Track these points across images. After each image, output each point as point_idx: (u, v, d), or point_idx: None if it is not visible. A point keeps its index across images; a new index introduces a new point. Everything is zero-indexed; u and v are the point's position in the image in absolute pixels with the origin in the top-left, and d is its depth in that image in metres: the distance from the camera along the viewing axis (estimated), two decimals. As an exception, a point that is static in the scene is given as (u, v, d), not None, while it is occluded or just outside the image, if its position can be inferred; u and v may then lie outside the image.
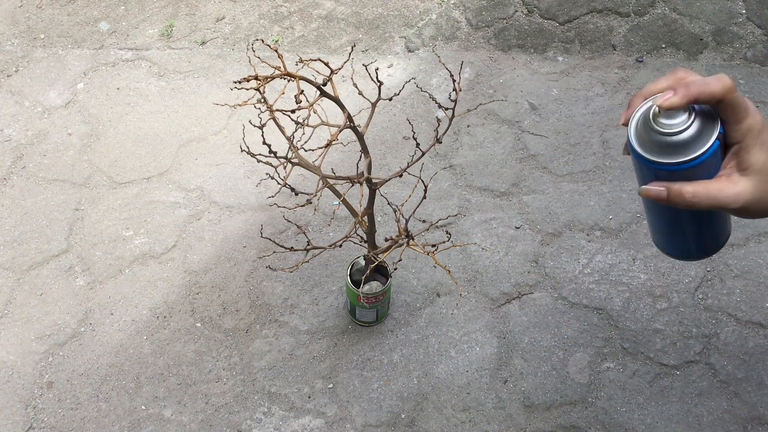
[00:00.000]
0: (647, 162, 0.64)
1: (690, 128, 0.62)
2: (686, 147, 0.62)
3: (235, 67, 1.51)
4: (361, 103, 1.33)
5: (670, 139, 0.62)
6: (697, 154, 0.61)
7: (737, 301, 1.18)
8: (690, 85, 0.60)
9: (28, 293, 1.20)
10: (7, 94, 1.47)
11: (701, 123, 0.62)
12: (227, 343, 1.15)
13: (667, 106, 0.60)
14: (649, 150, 0.64)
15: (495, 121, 1.42)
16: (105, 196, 1.31)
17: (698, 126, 0.62)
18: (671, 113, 0.61)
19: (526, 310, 1.18)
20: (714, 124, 0.62)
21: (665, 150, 0.63)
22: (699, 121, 0.62)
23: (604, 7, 1.59)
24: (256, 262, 1.23)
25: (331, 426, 1.07)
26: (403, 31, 1.58)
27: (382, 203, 1.25)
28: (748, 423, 1.07)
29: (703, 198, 0.62)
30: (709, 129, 0.62)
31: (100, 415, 1.08)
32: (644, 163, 0.64)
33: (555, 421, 1.08)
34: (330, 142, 0.83)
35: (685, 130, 0.62)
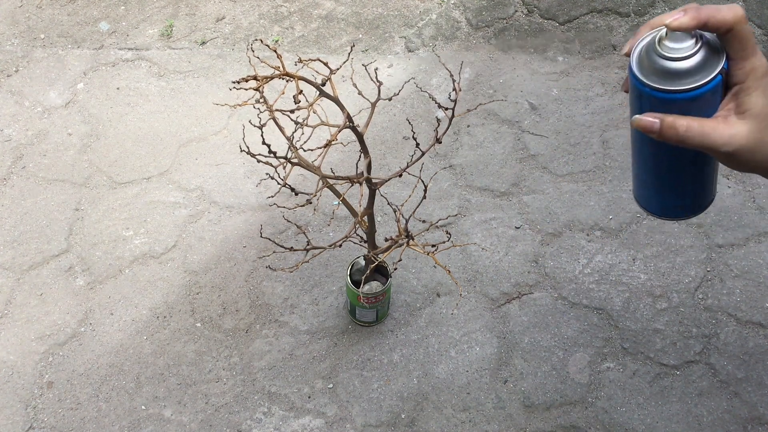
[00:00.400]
0: (645, 88, 0.62)
1: (694, 56, 0.59)
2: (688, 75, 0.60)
3: (235, 67, 1.51)
4: (361, 103, 1.33)
5: (673, 64, 0.60)
6: (697, 84, 0.59)
7: (737, 301, 1.18)
8: (701, 8, 0.58)
9: (28, 293, 1.20)
10: (7, 94, 1.47)
11: (706, 53, 0.59)
12: (227, 343, 1.15)
13: (675, 26, 0.58)
14: (649, 75, 0.61)
15: (495, 121, 1.42)
16: (105, 196, 1.31)
17: (703, 55, 0.59)
18: (678, 36, 0.59)
19: (526, 310, 1.18)
20: (719, 57, 0.60)
21: (666, 76, 0.60)
22: (705, 50, 0.59)
23: (604, 7, 1.59)
24: (256, 262, 1.23)
25: (331, 426, 1.07)
26: (403, 31, 1.58)
27: (382, 203, 1.25)
28: (748, 423, 1.07)
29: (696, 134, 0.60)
30: (713, 61, 0.60)
31: (100, 415, 1.08)
32: (642, 89, 0.62)
33: (555, 421, 1.08)
34: (330, 142, 0.83)
35: (689, 58, 0.59)
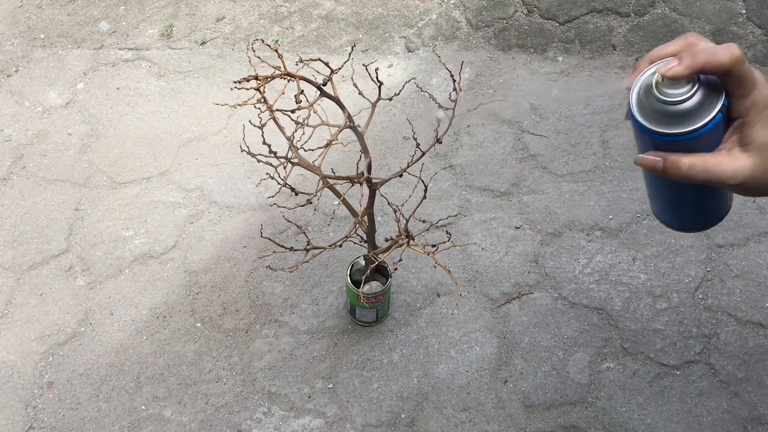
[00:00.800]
0: (646, 130, 0.62)
1: (692, 98, 0.59)
2: (687, 118, 0.60)
3: (235, 67, 1.51)
4: (361, 103, 1.33)
5: (671, 108, 0.60)
6: (696, 126, 0.59)
7: (737, 301, 1.18)
8: (697, 53, 0.57)
9: (28, 293, 1.20)
10: (7, 94, 1.47)
11: (705, 94, 0.59)
12: (227, 343, 1.15)
13: (670, 76, 0.58)
14: (649, 118, 0.61)
15: (495, 121, 1.42)
16: (105, 196, 1.31)
17: (701, 96, 0.59)
18: (674, 82, 0.59)
19: (526, 310, 1.18)
20: (718, 96, 0.59)
21: (665, 119, 0.60)
22: (703, 91, 0.59)
23: (604, 7, 1.59)
24: (256, 262, 1.23)
25: (331, 426, 1.07)
26: (403, 31, 1.58)
27: (382, 203, 1.25)
28: (748, 423, 1.07)
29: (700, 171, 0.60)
30: (712, 100, 0.59)
31: (100, 415, 1.08)
32: (643, 131, 0.62)
33: (555, 421, 1.08)
34: (330, 142, 0.83)
35: (687, 100, 0.59)
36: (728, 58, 0.57)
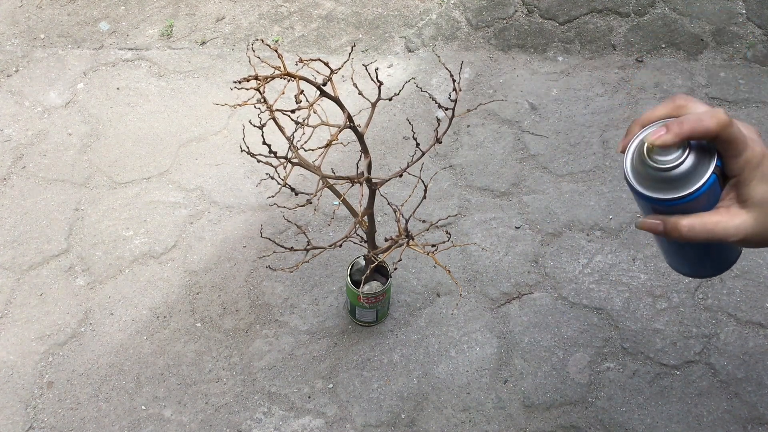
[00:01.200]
0: (642, 196, 0.63)
1: (684, 163, 0.60)
2: (681, 182, 0.61)
3: (235, 67, 1.51)
4: (361, 103, 1.33)
5: (664, 174, 0.61)
6: (691, 191, 0.60)
7: (737, 301, 1.18)
8: (683, 121, 0.58)
9: (28, 293, 1.20)
10: (7, 94, 1.47)
11: (696, 158, 0.60)
12: (227, 343, 1.15)
13: (659, 144, 0.59)
14: (644, 184, 0.62)
15: (495, 121, 1.42)
16: (105, 196, 1.31)
17: (693, 161, 0.60)
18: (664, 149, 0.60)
19: (526, 310, 1.18)
20: (710, 158, 0.60)
21: (660, 185, 0.62)
22: (694, 155, 0.60)
23: (604, 7, 1.59)
24: (256, 262, 1.23)
25: (331, 426, 1.07)
26: (403, 31, 1.58)
27: (382, 203, 1.25)
28: (748, 423, 1.07)
29: (700, 232, 0.61)
30: (704, 163, 0.60)
31: (100, 415, 1.08)
32: (640, 197, 0.64)
33: (555, 421, 1.08)
34: (330, 142, 0.83)
35: (679, 166, 0.60)
36: (715, 125, 0.57)
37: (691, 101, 0.62)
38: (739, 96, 1.45)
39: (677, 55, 1.52)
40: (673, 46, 1.53)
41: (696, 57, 1.51)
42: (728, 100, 1.44)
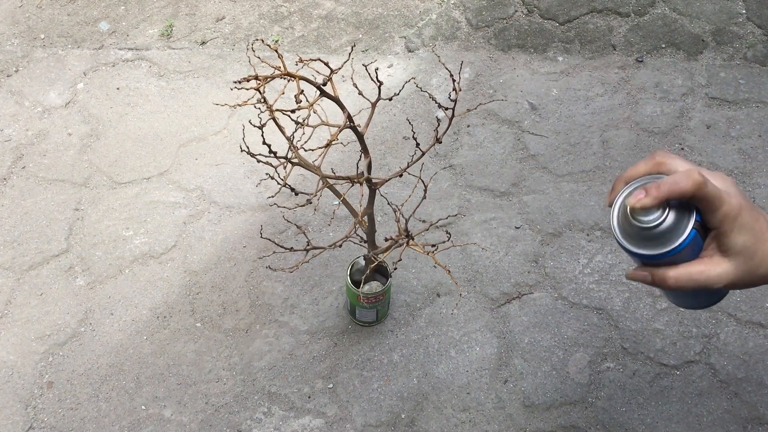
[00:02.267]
0: (630, 252, 0.69)
1: (665, 222, 0.65)
2: (663, 239, 0.66)
3: (235, 67, 1.51)
4: (361, 103, 1.33)
5: (647, 233, 0.66)
6: (673, 247, 0.65)
7: (737, 301, 1.18)
8: (660, 185, 0.63)
9: (28, 293, 1.20)
10: (7, 94, 1.47)
11: (676, 216, 0.65)
12: (227, 343, 1.15)
13: (639, 207, 0.64)
14: (630, 241, 0.67)
15: (495, 121, 1.42)
16: (105, 196, 1.31)
17: (673, 219, 0.65)
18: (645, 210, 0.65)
19: (526, 310, 1.18)
20: (689, 215, 0.66)
21: (644, 242, 0.67)
22: (674, 214, 0.65)
23: (604, 7, 1.59)
24: (256, 262, 1.23)
25: (331, 426, 1.07)
26: (403, 31, 1.58)
27: (382, 203, 1.25)
28: (748, 423, 1.07)
29: (686, 282, 0.66)
30: (684, 220, 0.65)
31: (100, 415, 1.08)
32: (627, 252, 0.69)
33: (555, 421, 1.08)
34: (330, 142, 0.83)
35: (660, 224, 0.65)
36: (690, 186, 0.62)
37: (671, 158, 0.67)
38: (739, 96, 1.45)
39: (677, 55, 1.52)
40: (673, 46, 1.53)
41: (696, 57, 1.51)
42: (728, 100, 1.44)
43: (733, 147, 1.38)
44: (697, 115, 1.42)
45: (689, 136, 1.39)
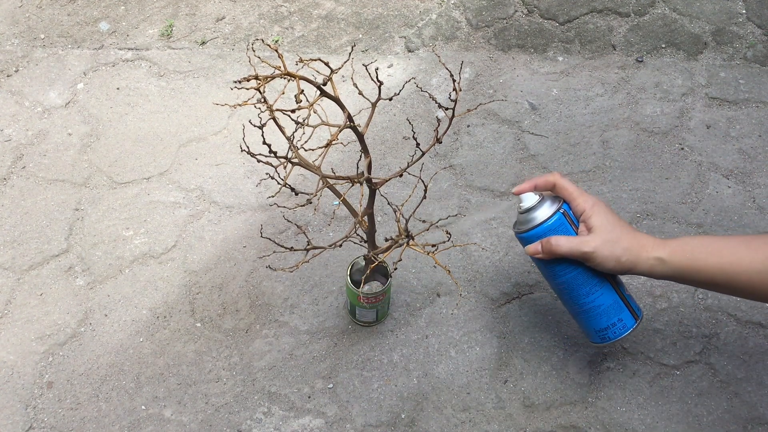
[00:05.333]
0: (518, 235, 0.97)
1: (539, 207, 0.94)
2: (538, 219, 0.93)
3: (235, 67, 1.51)
4: (361, 103, 1.33)
5: (527, 215, 0.94)
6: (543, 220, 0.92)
7: (737, 301, 1.18)
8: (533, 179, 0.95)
9: (28, 293, 1.20)
10: (7, 94, 1.47)
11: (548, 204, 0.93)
12: (227, 343, 1.15)
13: (515, 192, 0.95)
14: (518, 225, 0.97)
15: (495, 121, 1.42)
16: (105, 196, 1.31)
17: (545, 205, 0.93)
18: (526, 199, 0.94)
19: (526, 310, 1.18)
20: (557, 203, 0.93)
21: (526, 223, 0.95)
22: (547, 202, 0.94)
23: (604, 7, 1.59)
24: (256, 262, 1.23)
25: (331, 426, 1.07)
26: (403, 31, 1.58)
27: (382, 203, 1.25)
28: (748, 423, 1.07)
29: (563, 243, 0.91)
30: (553, 206, 0.93)
31: (100, 415, 1.08)
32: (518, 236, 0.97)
33: (555, 421, 1.08)
34: (330, 142, 0.83)
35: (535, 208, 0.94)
36: (552, 178, 0.94)
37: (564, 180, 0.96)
38: (739, 96, 1.45)
39: (677, 55, 1.52)
40: (673, 46, 1.53)
41: (696, 57, 1.51)
42: (728, 100, 1.44)
43: (733, 147, 1.38)
44: (697, 115, 1.42)
45: (689, 136, 1.39)
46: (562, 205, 0.92)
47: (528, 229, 0.93)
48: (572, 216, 0.93)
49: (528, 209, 0.93)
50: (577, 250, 0.89)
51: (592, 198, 0.92)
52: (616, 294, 0.95)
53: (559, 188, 0.93)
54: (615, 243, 0.88)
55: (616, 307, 0.95)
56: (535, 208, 0.93)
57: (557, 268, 0.94)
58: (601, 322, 0.96)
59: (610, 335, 0.96)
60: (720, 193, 1.31)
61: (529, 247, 0.94)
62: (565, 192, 0.93)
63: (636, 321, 0.96)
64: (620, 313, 0.95)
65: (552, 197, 0.94)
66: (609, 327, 0.96)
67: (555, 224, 0.92)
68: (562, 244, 0.90)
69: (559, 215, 0.92)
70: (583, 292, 0.94)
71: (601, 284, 0.94)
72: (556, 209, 0.92)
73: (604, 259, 0.89)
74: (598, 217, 0.90)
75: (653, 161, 1.36)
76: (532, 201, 0.93)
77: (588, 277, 0.93)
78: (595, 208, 0.91)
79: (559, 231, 0.92)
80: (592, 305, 0.95)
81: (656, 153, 1.37)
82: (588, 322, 0.97)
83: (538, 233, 0.92)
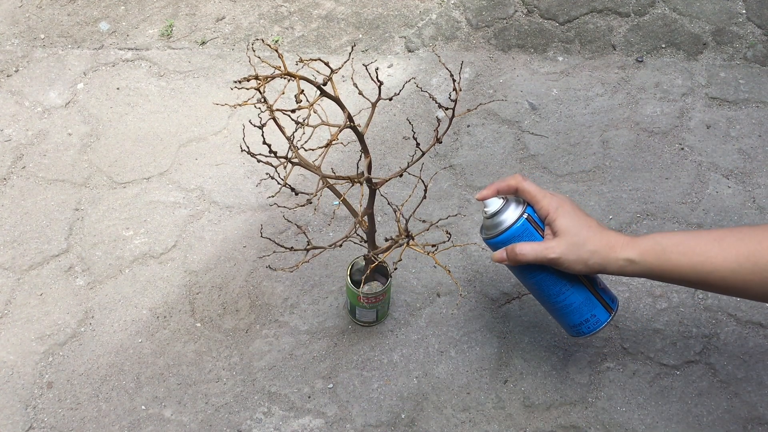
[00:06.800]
0: (485, 241, 0.95)
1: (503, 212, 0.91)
2: (502, 224, 0.91)
3: (235, 67, 1.51)
4: (361, 103, 1.33)
5: (491, 221, 0.92)
6: (507, 226, 0.90)
7: (737, 301, 1.18)
8: (495, 183, 0.92)
9: (28, 293, 1.20)
10: (7, 94, 1.47)
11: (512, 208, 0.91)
12: (227, 343, 1.15)
13: (479, 197, 0.92)
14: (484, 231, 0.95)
15: (495, 121, 1.42)
16: (105, 196, 1.31)
17: (509, 210, 0.91)
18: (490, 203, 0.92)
19: (526, 310, 1.18)
20: (522, 207, 0.91)
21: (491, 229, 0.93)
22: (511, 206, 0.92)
23: (604, 7, 1.59)
24: (256, 262, 1.23)
25: (331, 426, 1.07)
26: (403, 31, 1.58)
27: (382, 203, 1.25)
28: (748, 423, 1.07)
29: (529, 251, 0.88)
30: (517, 211, 0.91)
31: (100, 415, 1.08)
32: (486, 242, 0.95)
33: (555, 421, 1.08)
34: (330, 142, 0.83)
35: (499, 213, 0.92)
36: (514, 182, 0.91)
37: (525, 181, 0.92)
38: (739, 96, 1.45)
39: (677, 55, 1.52)
40: (673, 46, 1.53)
41: (696, 57, 1.52)
42: (728, 100, 1.44)
43: (733, 147, 1.38)
44: (697, 115, 1.42)
45: (689, 136, 1.39)
46: (526, 209, 0.90)
47: (493, 236, 0.92)
48: (537, 219, 0.90)
49: (493, 214, 0.91)
50: (543, 256, 0.87)
51: (556, 199, 0.89)
52: (588, 291, 0.94)
53: (521, 191, 0.90)
54: (581, 246, 0.85)
55: (588, 304, 0.94)
56: (500, 213, 0.91)
57: (525, 271, 0.93)
58: (574, 318, 0.95)
59: (584, 330, 0.96)
60: (720, 193, 1.31)
61: (495, 255, 0.92)
62: (528, 195, 0.90)
63: (610, 314, 0.95)
64: (593, 309, 0.94)
65: (516, 200, 0.92)
66: (582, 323, 0.95)
67: (519, 230, 0.90)
68: (527, 251, 0.87)
69: (522, 220, 0.90)
70: (553, 292, 0.93)
71: (571, 283, 0.93)
72: (520, 214, 0.90)
73: (571, 264, 0.86)
74: (563, 219, 0.87)
75: (653, 161, 1.36)
76: (496, 206, 0.91)
77: (557, 279, 0.92)
78: (559, 210, 0.87)
79: (524, 237, 0.90)
80: (564, 303, 0.94)
81: (656, 153, 1.37)
82: (562, 318, 0.97)
83: (503, 239, 0.91)
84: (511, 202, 0.91)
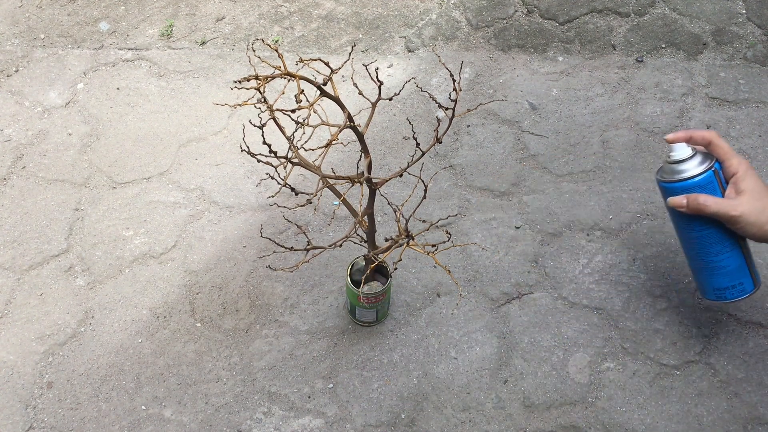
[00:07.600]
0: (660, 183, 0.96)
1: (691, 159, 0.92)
2: (688, 171, 0.92)
3: (235, 67, 1.51)
4: (361, 103, 1.33)
5: (677, 166, 0.93)
6: (695, 173, 0.91)
7: (737, 301, 1.18)
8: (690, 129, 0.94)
9: (28, 293, 1.20)
10: (7, 94, 1.47)
11: (700, 158, 0.93)
12: (227, 343, 1.15)
13: (670, 139, 0.93)
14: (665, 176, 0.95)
15: (495, 121, 1.42)
16: (105, 196, 1.31)
17: (698, 160, 0.92)
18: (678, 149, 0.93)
19: (526, 310, 1.18)
20: (710, 161, 0.92)
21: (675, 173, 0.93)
22: (699, 157, 0.93)
23: (604, 7, 1.59)
24: (256, 262, 1.23)
25: (331, 426, 1.07)
26: (403, 31, 1.58)
27: (382, 203, 1.25)
28: (748, 423, 1.07)
29: (711, 204, 0.89)
30: (705, 163, 0.92)
31: (100, 415, 1.08)
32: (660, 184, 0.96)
33: (555, 421, 1.08)
34: (330, 142, 0.83)
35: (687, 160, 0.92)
36: (709, 134, 0.93)
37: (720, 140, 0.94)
38: (739, 96, 1.45)
39: (677, 55, 1.52)
40: (673, 46, 1.53)
41: (696, 57, 1.51)
42: (728, 100, 1.44)
43: (733, 147, 1.37)
44: (697, 115, 1.42)
45: (689, 136, 1.39)
46: (714, 164, 0.91)
47: (674, 180, 0.92)
48: (722, 177, 0.92)
49: (679, 161, 0.92)
50: (725, 212, 0.89)
51: (745, 162, 0.91)
52: (744, 258, 0.95)
53: (714, 146, 0.92)
54: (762, 211, 0.88)
55: (741, 271, 0.95)
56: (687, 161, 0.92)
57: (695, 223, 0.93)
58: (723, 281, 0.96)
59: (727, 295, 0.97)
60: (720, 193, 1.31)
61: (673, 199, 0.93)
62: (720, 150, 0.92)
63: (755, 287, 0.96)
64: (743, 277, 0.95)
65: (704, 154, 0.93)
66: (729, 288, 0.96)
67: (704, 181, 0.91)
68: (711, 203, 0.89)
69: (710, 173, 0.91)
70: (713, 250, 0.94)
71: (732, 246, 0.94)
72: (708, 167, 0.91)
73: (748, 225, 0.88)
74: (750, 181, 0.89)
75: (653, 161, 1.36)
76: (686, 153, 0.92)
77: (722, 237, 0.93)
78: (749, 172, 0.90)
79: (706, 189, 0.91)
80: (719, 264, 0.95)
81: (656, 153, 1.37)
82: (709, 279, 0.97)
83: (684, 186, 0.91)
84: (699, 154, 0.93)
